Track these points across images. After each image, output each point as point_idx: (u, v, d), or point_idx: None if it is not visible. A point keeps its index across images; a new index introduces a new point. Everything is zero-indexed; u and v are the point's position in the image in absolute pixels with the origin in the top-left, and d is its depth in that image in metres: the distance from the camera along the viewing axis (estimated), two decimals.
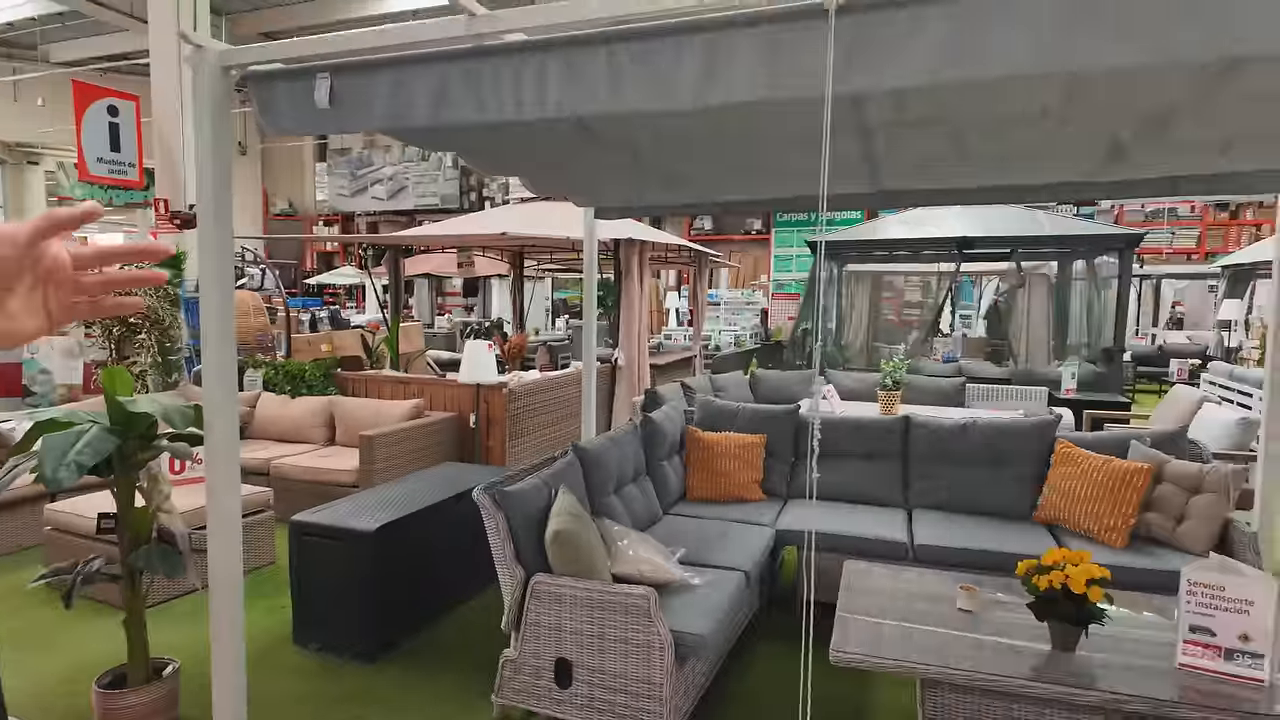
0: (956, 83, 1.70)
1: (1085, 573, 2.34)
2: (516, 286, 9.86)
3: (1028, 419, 4.14)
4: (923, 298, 13.07)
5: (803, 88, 1.76)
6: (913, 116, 2.60)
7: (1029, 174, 3.52)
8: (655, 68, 1.87)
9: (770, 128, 2.67)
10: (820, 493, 4.24)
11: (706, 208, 5.20)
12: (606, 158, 3.15)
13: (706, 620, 2.68)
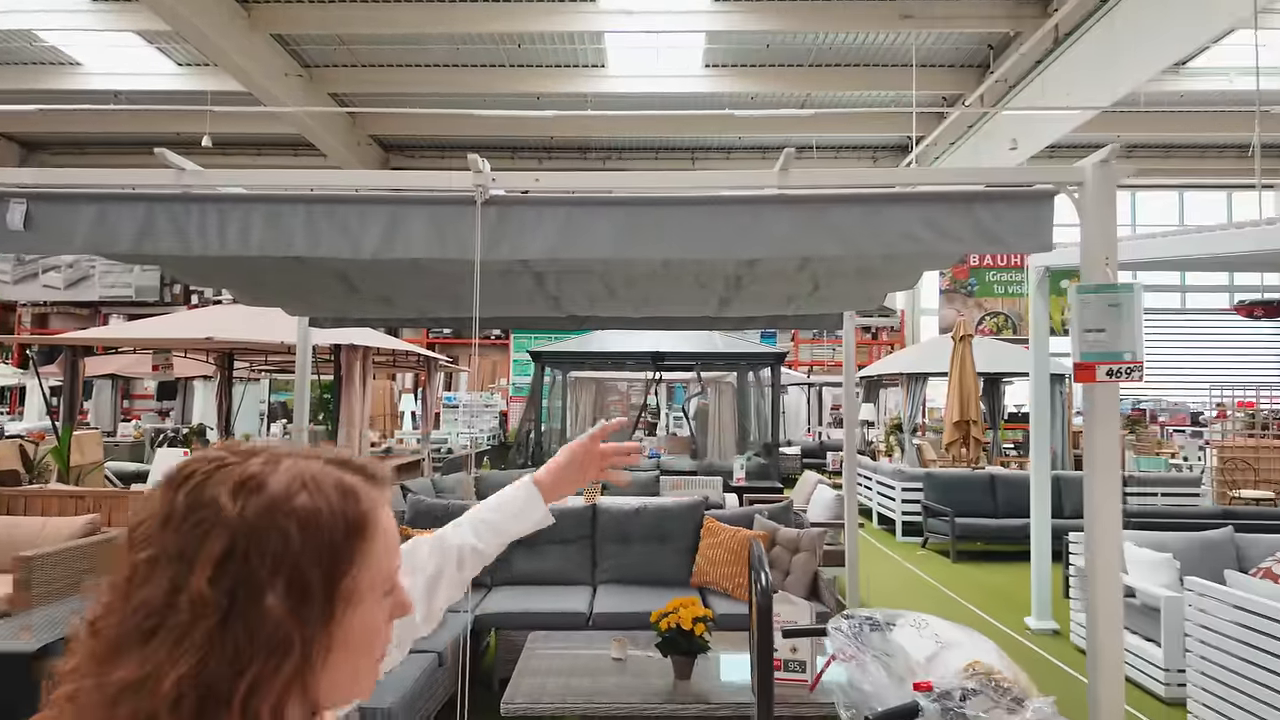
0: (569, 259, 2.46)
1: (691, 614, 3.10)
2: (224, 389, 9.30)
3: (682, 501, 5.08)
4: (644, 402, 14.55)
5: (462, 251, 2.39)
6: (569, 267, 3.39)
7: (670, 310, 4.55)
8: (346, 226, 2.39)
9: (459, 268, 3.30)
10: (521, 579, 4.72)
11: (424, 322, 5.67)
12: (317, 281, 3.54)
13: (394, 696, 2.99)
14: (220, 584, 0.55)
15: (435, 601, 1.02)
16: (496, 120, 11.97)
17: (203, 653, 0.53)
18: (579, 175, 2.60)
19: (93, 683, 0.54)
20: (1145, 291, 9.40)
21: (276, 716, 0.56)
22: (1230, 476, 10.21)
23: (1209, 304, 16.72)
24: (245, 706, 0.54)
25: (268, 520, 0.57)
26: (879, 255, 2.94)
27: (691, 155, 15.47)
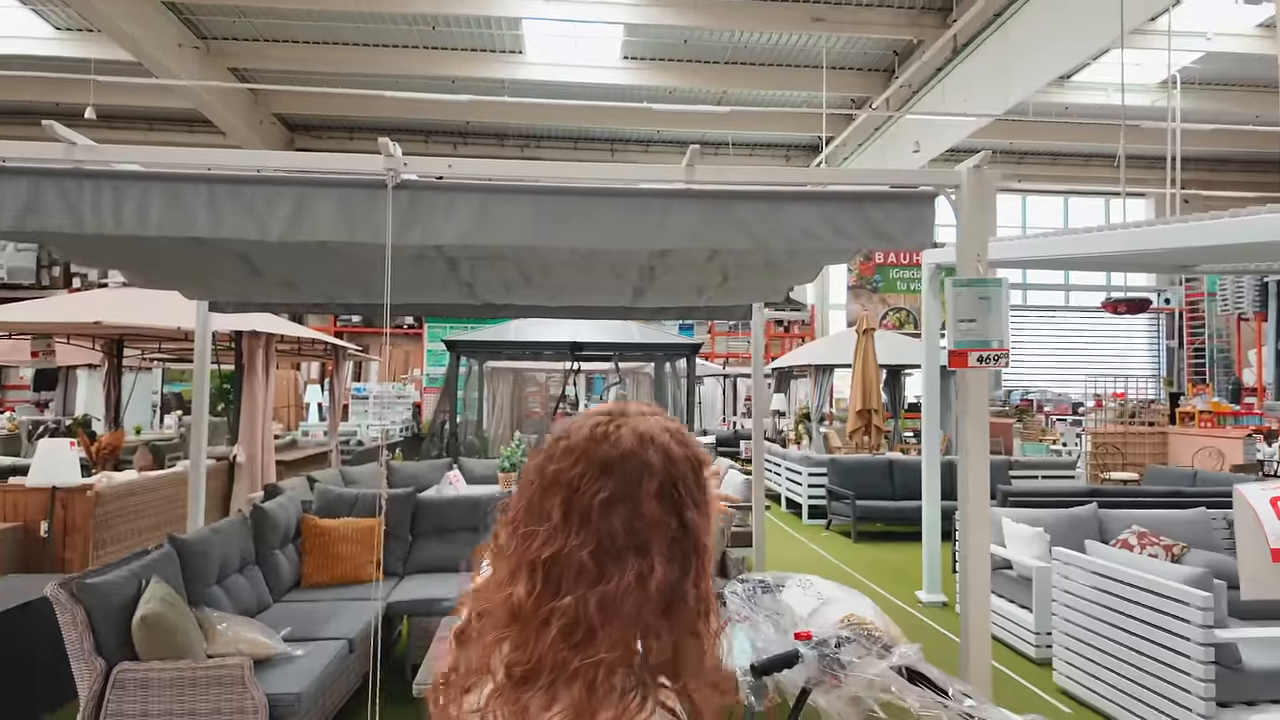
0: (483, 245, 2.49)
1: None
2: (112, 379, 8.75)
3: None
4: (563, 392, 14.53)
5: (372, 235, 2.39)
6: (483, 253, 3.41)
7: (587, 299, 4.62)
8: (251, 207, 2.35)
9: (369, 251, 3.27)
10: (435, 566, 4.71)
11: (332, 308, 5.54)
12: (218, 263, 3.43)
13: (303, 682, 2.96)
14: (665, 508, 0.77)
15: None
16: (409, 102, 11.69)
17: (668, 557, 0.75)
18: (493, 163, 2.64)
19: (590, 591, 0.73)
20: (1033, 290, 10.14)
21: (708, 599, 0.77)
22: (1102, 460, 11.15)
23: (1090, 302, 18.10)
24: (695, 593, 0.76)
25: (678, 459, 0.79)
26: (782, 250, 3.11)
27: (610, 146, 15.53)
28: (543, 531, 0.76)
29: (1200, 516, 5.04)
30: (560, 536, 0.75)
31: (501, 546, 0.80)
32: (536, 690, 0.72)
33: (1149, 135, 10.70)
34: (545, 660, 0.72)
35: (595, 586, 0.73)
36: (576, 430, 0.81)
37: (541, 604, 0.74)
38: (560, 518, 0.76)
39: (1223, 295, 14.73)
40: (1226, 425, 11.26)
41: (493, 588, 0.78)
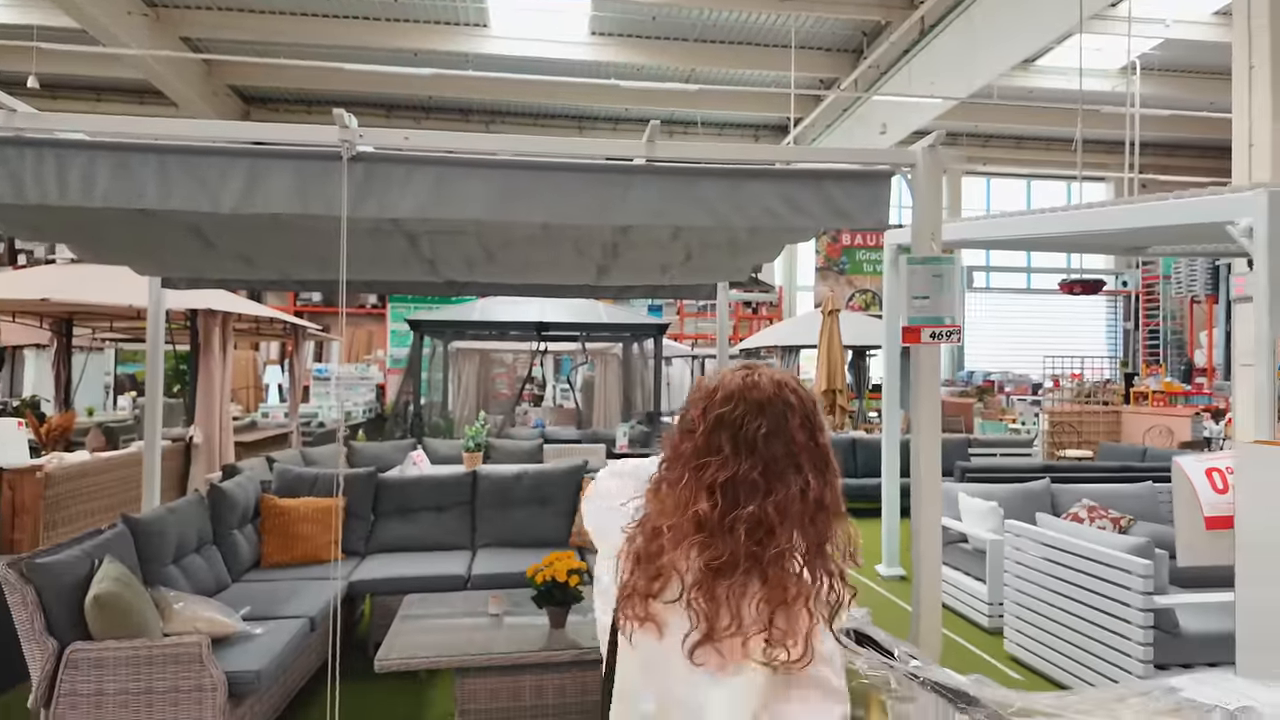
0: (440, 219, 2.47)
1: (566, 566, 3.22)
2: (62, 359, 8.50)
3: (562, 466, 5.19)
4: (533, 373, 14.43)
5: (327, 208, 2.35)
6: (443, 228, 3.37)
7: (551, 277, 4.60)
8: (203, 178, 2.29)
9: (325, 225, 3.21)
10: (398, 545, 4.70)
11: (289, 284, 5.43)
12: (169, 236, 3.34)
13: (263, 659, 2.94)
14: (806, 434, 1.00)
15: None
16: (370, 76, 11.41)
17: (815, 471, 0.98)
18: (451, 135, 2.60)
19: (765, 500, 0.95)
20: (996, 273, 10.32)
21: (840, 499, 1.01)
22: (1058, 438, 11.46)
23: (1051, 285, 18.48)
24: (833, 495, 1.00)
25: (806, 398, 1.02)
26: (744, 228, 3.13)
27: (578, 124, 15.38)
28: (715, 461, 0.97)
29: (1147, 490, 5.23)
30: (733, 463, 0.97)
31: (668, 480, 1.00)
32: (733, 580, 0.92)
33: (1109, 120, 10.92)
34: (738, 555, 0.93)
35: (769, 498, 0.95)
36: (728, 381, 1.02)
37: (725, 514, 0.94)
38: (730, 449, 0.97)
39: (1177, 278, 15.17)
40: (1178, 404, 11.64)
41: (670, 511, 0.97)
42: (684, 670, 0.92)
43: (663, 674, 0.95)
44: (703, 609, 0.91)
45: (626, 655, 0.99)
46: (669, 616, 0.95)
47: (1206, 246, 4.96)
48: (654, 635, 0.96)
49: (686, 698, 0.92)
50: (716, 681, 0.90)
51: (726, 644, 0.90)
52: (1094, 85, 12.12)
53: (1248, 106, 6.59)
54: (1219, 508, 2.94)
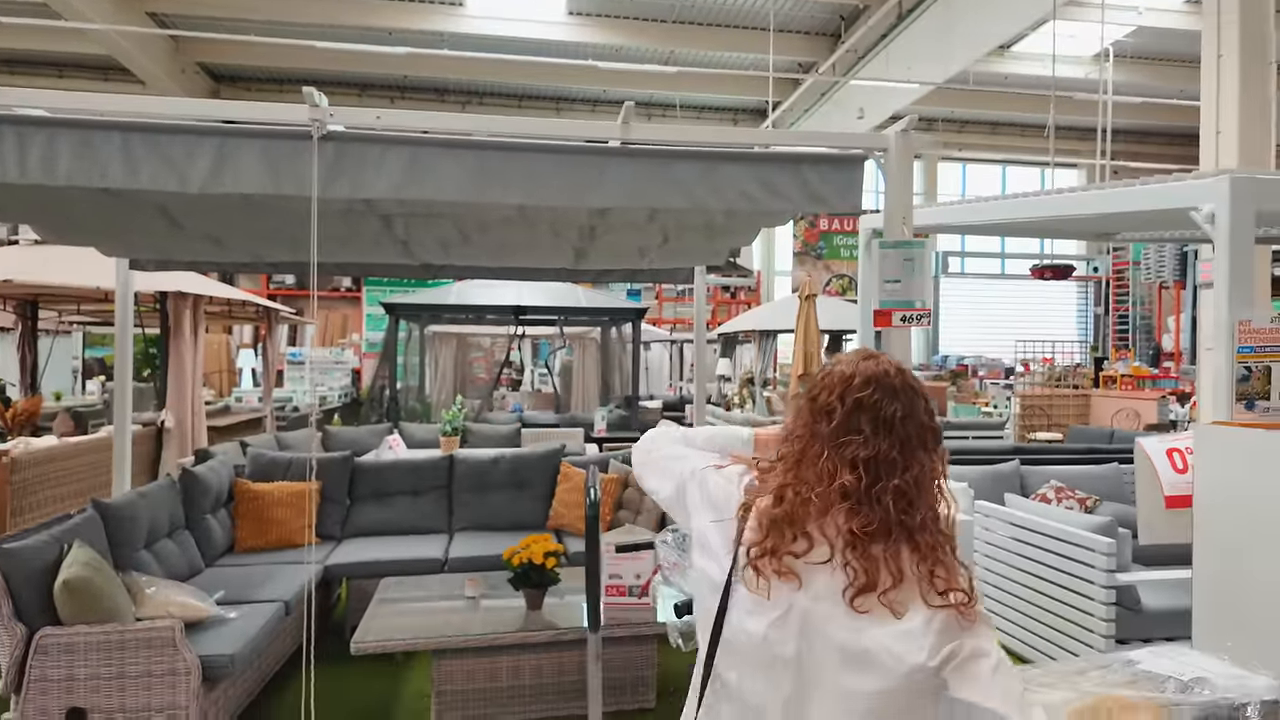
0: (414, 200, 2.45)
1: (543, 549, 3.24)
2: (27, 342, 8.31)
3: (539, 449, 5.20)
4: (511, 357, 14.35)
5: (298, 188, 2.32)
6: (417, 210, 3.34)
7: (527, 260, 4.58)
8: (169, 157, 2.25)
9: (297, 206, 3.16)
10: (374, 529, 4.68)
11: (260, 266, 5.35)
12: (136, 217, 3.27)
13: (237, 643, 2.93)
14: (928, 417, 1.13)
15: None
16: (343, 54, 11.21)
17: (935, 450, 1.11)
18: (424, 115, 2.57)
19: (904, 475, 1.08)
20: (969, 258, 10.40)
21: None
22: (1029, 421, 11.66)
23: (1024, 271, 18.72)
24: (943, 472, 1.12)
25: (921, 385, 1.14)
26: (720, 211, 3.13)
27: (556, 105, 15.24)
28: (857, 440, 1.08)
29: (1113, 471, 5.36)
30: (873, 443, 1.08)
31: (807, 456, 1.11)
32: (887, 544, 1.05)
33: (1082, 106, 11.03)
34: (889, 522, 1.05)
35: (906, 472, 1.08)
36: (862, 369, 1.13)
37: (871, 487, 1.06)
38: (871, 430, 1.09)
39: (1146, 264, 15.44)
40: (1145, 388, 11.89)
41: (812, 482, 1.08)
42: (844, 617, 1.04)
43: (808, 620, 1.06)
44: (861, 566, 1.04)
45: (749, 603, 1.09)
46: (812, 573, 1.07)
47: (1174, 232, 5.06)
48: (794, 585, 1.07)
49: (846, 641, 1.03)
50: (882, 624, 1.02)
51: (892, 594, 1.02)
52: (1067, 72, 12.23)
53: (1215, 94, 6.70)
54: (1178, 487, 3.02)
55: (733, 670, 1.11)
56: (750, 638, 1.08)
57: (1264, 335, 3.07)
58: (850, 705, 1.03)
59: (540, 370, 15.90)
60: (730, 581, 1.11)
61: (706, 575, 1.16)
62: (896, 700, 1.01)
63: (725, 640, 1.12)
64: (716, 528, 1.16)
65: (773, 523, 1.08)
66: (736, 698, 1.11)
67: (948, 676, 1.00)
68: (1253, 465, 2.38)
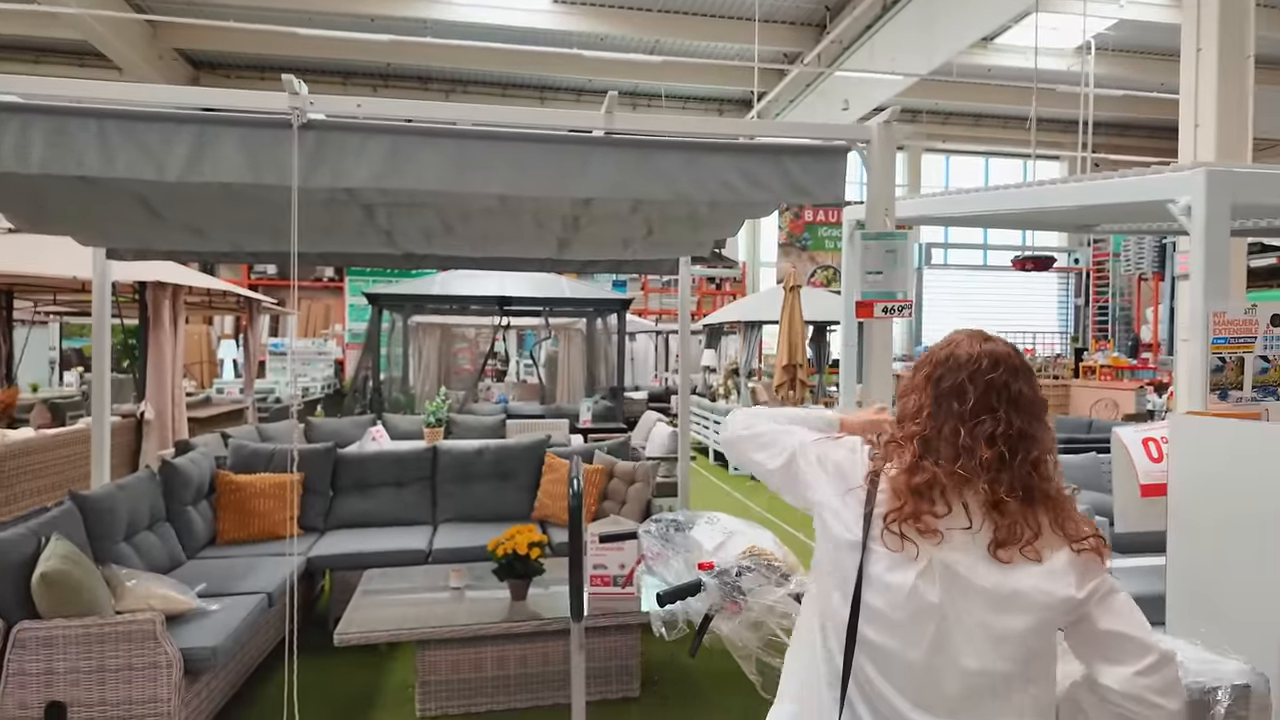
0: (396, 189, 2.43)
1: (527, 539, 3.25)
2: (2, 333, 8.18)
3: (524, 441, 5.19)
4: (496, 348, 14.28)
5: (278, 177, 2.30)
6: (400, 199, 3.32)
7: (511, 250, 4.55)
8: (146, 145, 2.22)
9: (277, 195, 3.13)
10: (357, 521, 4.67)
11: (241, 256, 5.29)
12: (113, 206, 3.23)
13: (219, 635, 2.92)
14: (1040, 392, 1.23)
15: None
16: (326, 41, 11.07)
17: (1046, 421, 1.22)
18: (405, 103, 2.55)
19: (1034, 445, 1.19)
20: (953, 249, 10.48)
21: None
22: None
23: (1006, 262, 18.86)
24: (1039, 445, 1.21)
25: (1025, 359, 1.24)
26: (703, 202, 3.14)
27: (540, 94, 15.15)
28: (991, 418, 1.18)
29: (1091, 461, 5.43)
30: (1007, 419, 1.18)
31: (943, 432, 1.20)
32: (1026, 505, 1.16)
33: (1064, 99, 11.09)
34: (1031, 487, 1.16)
35: (1036, 443, 1.19)
36: (987, 350, 1.23)
37: (1011, 459, 1.16)
38: (1004, 409, 1.18)
39: (1126, 256, 15.62)
40: (1124, 378, 12.05)
41: (950, 457, 1.18)
42: (987, 567, 1.15)
43: (951, 571, 1.16)
44: (1004, 524, 1.15)
45: (889, 560, 1.19)
46: (952, 533, 1.17)
47: (1152, 225, 5.12)
48: (934, 541, 1.17)
49: (996, 585, 1.14)
50: (1027, 569, 1.14)
51: (1030, 546, 1.14)
52: (1050, 64, 12.30)
53: (1194, 88, 6.78)
54: (1154, 476, 3.07)
55: (871, 624, 1.19)
56: (897, 590, 1.16)
57: (1238, 326, 3.12)
58: (1001, 641, 1.14)
59: (525, 361, 15.86)
60: (866, 543, 1.20)
61: (838, 537, 1.24)
62: (1042, 633, 1.15)
63: (866, 598, 1.19)
64: (849, 495, 1.25)
65: (912, 491, 1.18)
66: (879, 651, 1.19)
67: (1092, 608, 1.14)
68: (1226, 455, 2.42)
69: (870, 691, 1.20)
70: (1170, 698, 1.14)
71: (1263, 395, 3.11)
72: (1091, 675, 1.18)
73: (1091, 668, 1.18)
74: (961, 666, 1.15)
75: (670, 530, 1.91)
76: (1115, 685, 1.14)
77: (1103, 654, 1.16)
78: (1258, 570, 2.30)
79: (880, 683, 1.19)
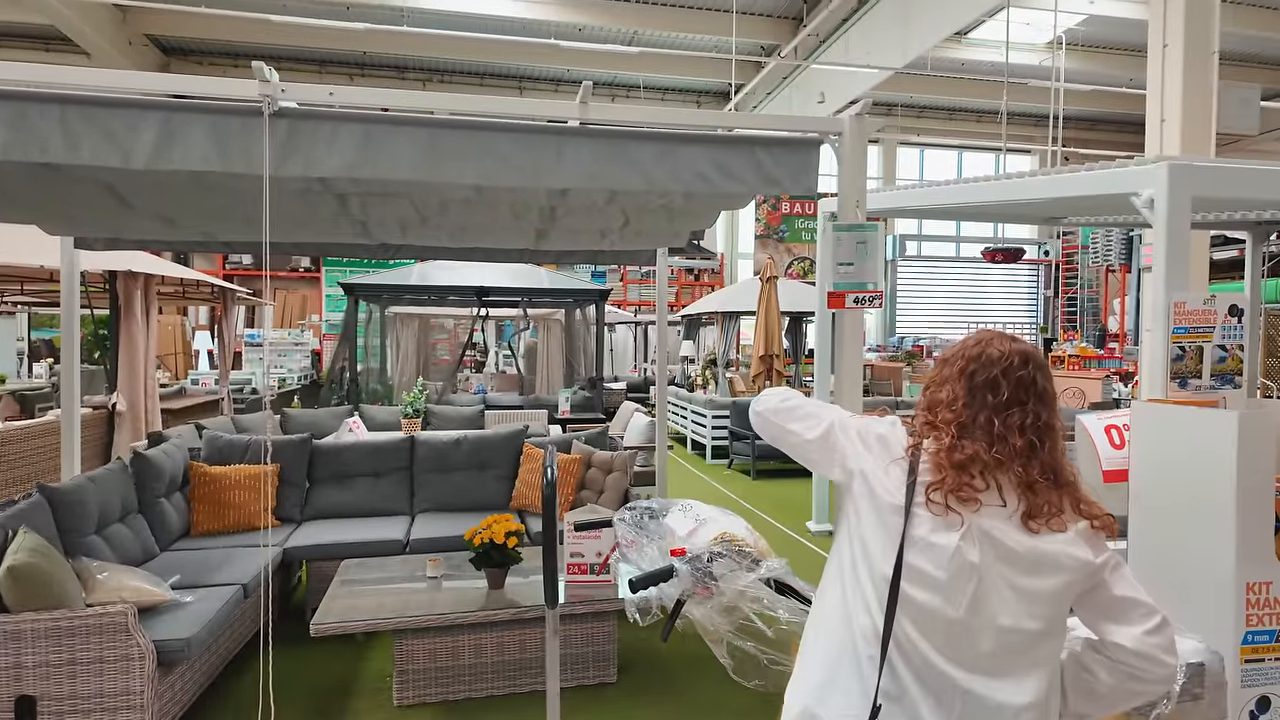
0: (368, 178, 2.42)
1: (504, 529, 3.26)
2: None
3: (502, 431, 5.20)
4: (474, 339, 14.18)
5: (248, 166, 2.28)
6: (374, 189, 3.30)
7: (488, 241, 4.55)
8: (111, 132, 2.19)
9: (250, 184, 3.10)
10: (334, 511, 4.65)
11: (214, 246, 5.22)
12: (79, 194, 3.18)
13: (193, 627, 2.90)
14: (1051, 381, 1.35)
15: None
16: (301, 29, 10.91)
17: (1054, 410, 1.34)
18: (377, 91, 2.53)
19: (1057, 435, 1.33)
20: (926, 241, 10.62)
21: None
22: None
23: (978, 254, 19.12)
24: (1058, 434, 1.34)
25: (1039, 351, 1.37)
26: (679, 193, 3.16)
27: (519, 84, 15.05)
28: (1020, 410, 1.31)
29: None
30: (1034, 411, 1.31)
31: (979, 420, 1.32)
32: (1051, 486, 1.28)
33: (1035, 93, 11.25)
34: (1055, 470, 1.29)
35: (1054, 432, 1.32)
36: (1015, 349, 1.35)
37: (1040, 446, 1.29)
38: (1033, 402, 1.31)
39: (1094, 248, 15.89)
40: (1091, 368, 12.28)
41: (986, 443, 1.30)
42: (1019, 533, 1.27)
43: (987, 535, 1.28)
44: (1036, 501, 1.27)
45: (932, 523, 1.29)
46: (990, 506, 1.29)
47: (1118, 217, 5.23)
48: (974, 508, 1.28)
49: (1029, 549, 1.26)
50: (1053, 537, 1.27)
51: (1056, 519, 1.27)
52: (1022, 59, 12.46)
53: (1161, 83, 6.91)
54: (1116, 462, 3.15)
55: (914, 583, 1.28)
56: (941, 551, 1.27)
57: (1197, 316, 3.21)
58: (1033, 600, 1.26)
59: (504, 352, 15.80)
60: (910, 507, 1.30)
61: (880, 500, 1.34)
62: (1066, 595, 1.27)
63: (909, 559, 1.28)
64: (893, 464, 1.35)
65: (953, 466, 1.29)
66: (920, 609, 1.28)
67: (1107, 575, 1.28)
68: (1184, 441, 2.50)
69: (908, 649, 1.28)
70: (1172, 655, 1.29)
71: (1220, 383, 3.20)
72: (1103, 637, 1.30)
73: (1103, 631, 1.30)
74: (997, 624, 1.26)
75: (644, 518, 1.94)
76: (1128, 644, 1.27)
77: (1115, 617, 1.29)
78: (1213, 552, 2.39)
79: (918, 639, 1.27)
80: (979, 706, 1.25)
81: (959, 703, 1.26)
